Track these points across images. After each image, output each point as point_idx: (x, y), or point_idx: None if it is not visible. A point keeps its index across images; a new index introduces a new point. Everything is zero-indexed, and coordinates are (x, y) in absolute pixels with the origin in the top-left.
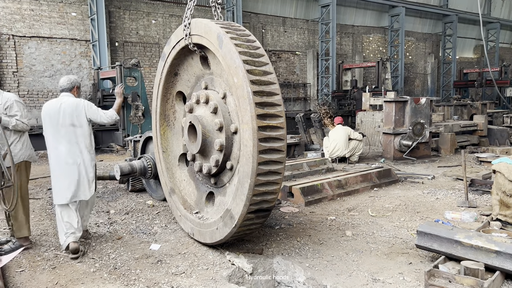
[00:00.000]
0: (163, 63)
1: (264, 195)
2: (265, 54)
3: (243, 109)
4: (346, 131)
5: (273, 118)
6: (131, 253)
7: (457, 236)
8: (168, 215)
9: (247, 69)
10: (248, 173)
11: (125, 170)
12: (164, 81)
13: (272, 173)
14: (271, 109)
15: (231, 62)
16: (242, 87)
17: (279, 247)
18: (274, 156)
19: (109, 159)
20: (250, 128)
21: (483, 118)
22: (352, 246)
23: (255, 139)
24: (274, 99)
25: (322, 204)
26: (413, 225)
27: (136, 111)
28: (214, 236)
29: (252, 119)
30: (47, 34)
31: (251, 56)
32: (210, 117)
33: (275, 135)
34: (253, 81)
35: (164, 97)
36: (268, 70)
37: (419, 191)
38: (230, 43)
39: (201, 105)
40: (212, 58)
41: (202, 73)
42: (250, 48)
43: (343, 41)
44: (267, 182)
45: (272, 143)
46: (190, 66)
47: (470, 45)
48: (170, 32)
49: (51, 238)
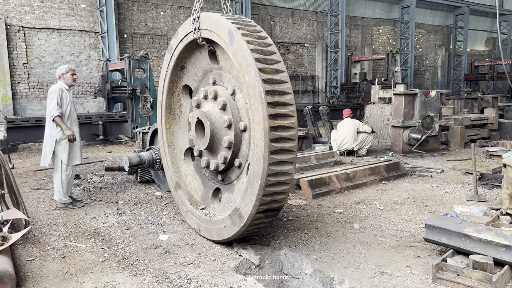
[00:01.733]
0: (170, 56)
1: (274, 195)
2: (277, 52)
3: (255, 108)
4: (354, 124)
5: (285, 118)
6: (139, 244)
7: (466, 230)
8: (176, 207)
9: (259, 68)
10: (258, 174)
11: (133, 161)
12: (171, 74)
13: (283, 173)
14: (283, 109)
15: (243, 59)
16: (254, 86)
17: (286, 239)
18: (285, 157)
19: (118, 150)
20: (261, 128)
21: (494, 112)
22: (359, 239)
23: (267, 139)
24: (286, 98)
25: (329, 197)
26: (421, 219)
27: (144, 103)
28: (221, 233)
29: (264, 119)
30: (57, 26)
31: (263, 54)
32: (218, 113)
33: (287, 135)
34: (265, 79)
35: (170, 90)
36: (280, 68)
37: (428, 184)
38: (241, 39)
39: (209, 100)
40: (222, 53)
41: (210, 68)
42: (262, 45)
43: (352, 33)
44: (278, 183)
45: (284, 144)
46: (197, 60)
47: (482, 38)
48: (178, 23)
49: (60, 228)
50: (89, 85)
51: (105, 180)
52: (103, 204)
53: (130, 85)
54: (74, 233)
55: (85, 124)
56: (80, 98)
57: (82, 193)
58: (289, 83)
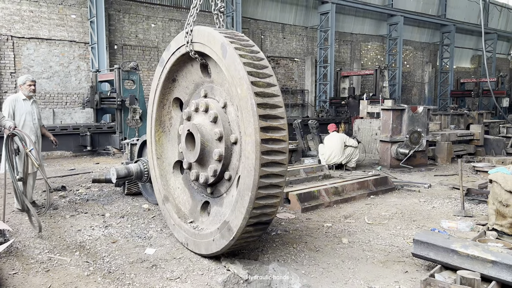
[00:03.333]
0: (161, 68)
1: (264, 208)
2: (269, 66)
3: (246, 121)
4: (341, 138)
5: (276, 131)
6: (125, 257)
7: (454, 245)
8: (163, 220)
9: (251, 81)
10: (249, 186)
11: (121, 173)
12: (162, 86)
13: (273, 186)
14: (274, 122)
15: (235, 72)
16: (246, 99)
17: (275, 253)
18: (276, 170)
19: (106, 161)
20: (253, 140)
21: (480, 128)
22: (348, 254)
23: (258, 151)
24: (278, 111)
25: (318, 210)
26: (409, 234)
27: (133, 114)
28: (210, 247)
29: (256, 132)
30: (46, 36)
31: (255, 68)
32: (209, 126)
33: (278, 148)
34: (257, 93)
35: (161, 103)
36: (272, 82)
37: (416, 199)
38: (234, 53)
39: (200, 113)
40: (214, 66)
41: (201, 81)
42: (254, 59)
43: (342, 48)
44: (268, 195)
45: (275, 156)
46: (189, 73)
47: (467, 55)
48: (169, 36)
49: (45, 241)
50: (77, 95)
51: (92, 192)
52: (89, 216)
53: (120, 96)
54: (59, 246)
55: (73, 135)
56: (68, 109)
57: (68, 205)
58: (281, 97)
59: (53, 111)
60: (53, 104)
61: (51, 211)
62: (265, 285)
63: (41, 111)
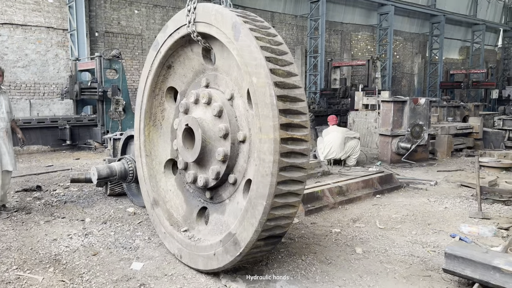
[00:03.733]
0: (155, 53)
1: (279, 220)
2: (288, 52)
3: (263, 116)
4: (342, 132)
5: (297, 129)
6: (108, 274)
7: (496, 262)
8: (151, 226)
9: (270, 68)
10: (263, 194)
11: (103, 173)
12: (154, 74)
13: (292, 194)
14: (295, 118)
15: (250, 58)
16: (263, 90)
17: (281, 267)
18: (296, 175)
19: (87, 157)
20: (271, 139)
21: (479, 121)
22: (365, 267)
23: (277, 153)
24: (299, 106)
25: (323, 213)
26: (427, 240)
27: (116, 106)
28: (209, 263)
29: (275, 129)
30: (21, 22)
31: (273, 53)
32: (212, 121)
33: (299, 149)
34: (276, 83)
35: (152, 92)
36: (293, 71)
37: (425, 198)
38: (249, 34)
39: (200, 105)
40: (219, 51)
41: (202, 68)
42: (272, 43)
43: (332, 38)
44: (285, 205)
45: (294, 159)
46: (188, 59)
47: (456, 47)
48: (153, 23)
49: (14, 254)
50: (56, 85)
51: (71, 193)
52: (66, 222)
53: (101, 87)
54: (30, 261)
55: (51, 128)
56: (46, 100)
57: (43, 208)
58: (302, 89)
59: (30, 102)
60: (29, 95)
61: (23, 216)
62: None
63: (17, 103)
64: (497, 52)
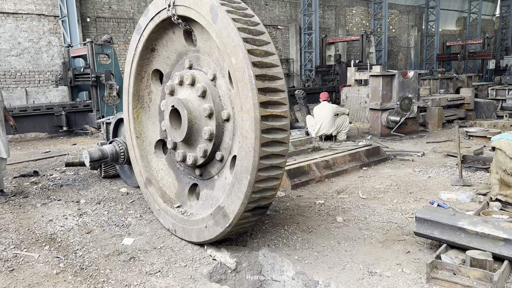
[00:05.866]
0: (138, 36)
1: (264, 192)
2: (265, 32)
3: (243, 95)
4: (332, 108)
5: (277, 106)
6: (101, 250)
7: (461, 223)
8: (143, 204)
9: (247, 49)
10: (247, 169)
11: (95, 156)
12: (139, 57)
13: (274, 167)
14: (274, 96)
15: (228, 39)
16: (242, 70)
17: (265, 237)
18: (277, 149)
19: (83, 142)
20: (252, 117)
21: (470, 92)
22: (344, 234)
23: (258, 130)
24: (278, 84)
25: (309, 186)
26: (407, 208)
27: (110, 91)
28: (202, 234)
29: (255, 107)
30: (12, 10)
31: (251, 34)
32: (197, 101)
33: (279, 125)
34: (254, 62)
35: (138, 75)
36: (270, 50)
37: (410, 169)
38: (226, 17)
39: (185, 86)
40: (200, 33)
41: (185, 50)
42: (249, 24)
43: (326, 14)
44: (268, 178)
45: (275, 135)
46: (170, 41)
47: (453, 18)
48: (145, 6)
49: (11, 234)
50: (50, 73)
51: (67, 177)
52: (62, 204)
53: (94, 72)
54: (27, 240)
55: (47, 115)
56: (42, 88)
57: (40, 192)
58: (280, 67)
59: (26, 91)
60: (25, 83)
61: (20, 199)
62: (255, 273)
63: (13, 91)
64: (495, 21)
